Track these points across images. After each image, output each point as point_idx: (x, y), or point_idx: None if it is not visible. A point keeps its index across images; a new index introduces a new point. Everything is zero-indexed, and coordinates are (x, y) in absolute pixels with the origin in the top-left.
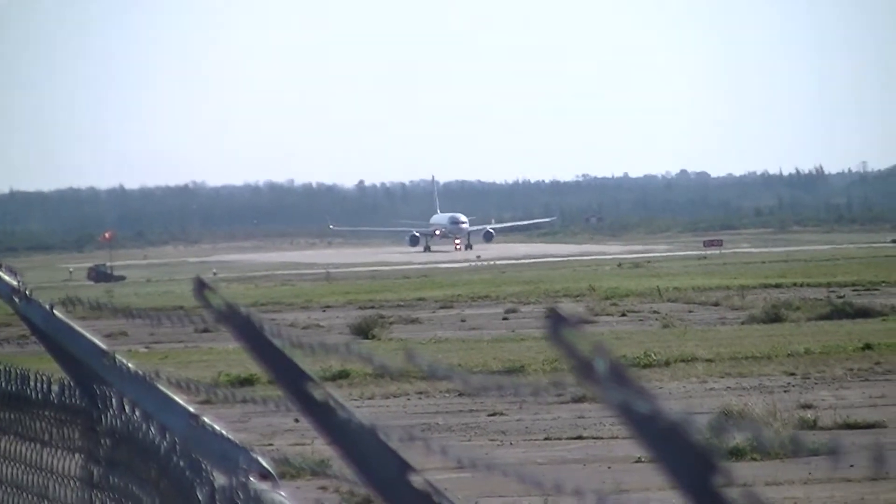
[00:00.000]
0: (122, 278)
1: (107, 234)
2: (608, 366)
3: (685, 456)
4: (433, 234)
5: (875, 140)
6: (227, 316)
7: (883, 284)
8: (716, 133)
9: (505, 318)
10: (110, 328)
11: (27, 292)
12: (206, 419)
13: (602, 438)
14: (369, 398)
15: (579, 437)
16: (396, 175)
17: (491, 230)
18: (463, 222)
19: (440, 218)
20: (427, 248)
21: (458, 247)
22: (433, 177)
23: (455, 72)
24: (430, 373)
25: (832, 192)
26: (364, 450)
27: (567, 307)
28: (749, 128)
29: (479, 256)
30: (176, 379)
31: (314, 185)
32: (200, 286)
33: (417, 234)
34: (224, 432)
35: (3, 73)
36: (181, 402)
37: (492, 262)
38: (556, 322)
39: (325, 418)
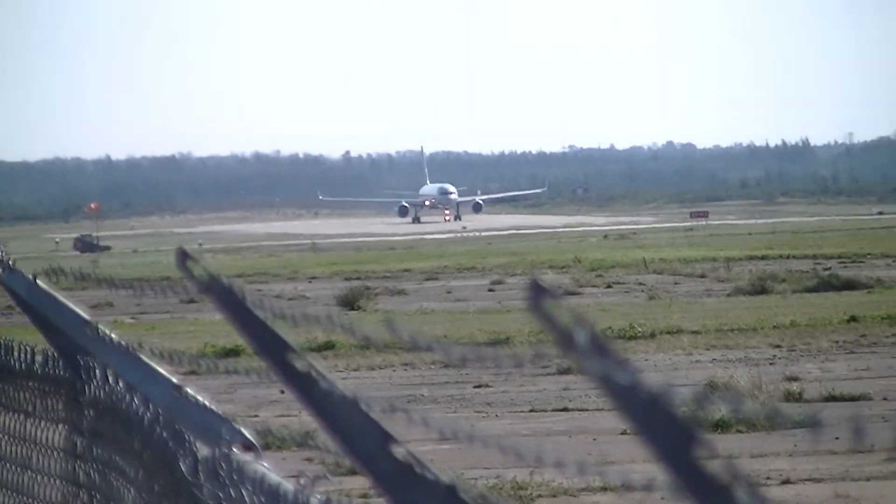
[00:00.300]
0: (107, 248)
1: (93, 205)
2: (589, 337)
3: (666, 428)
4: (422, 205)
5: (861, 112)
6: (209, 286)
7: (869, 256)
8: (702, 104)
9: (491, 290)
10: (96, 299)
11: (10, 262)
12: (189, 390)
13: (587, 410)
14: (355, 370)
15: (565, 409)
16: (383, 146)
17: (480, 201)
18: (452, 193)
19: (429, 189)
20: (416, 219)
21: (447, 218)
22: (422, 147)
23: (441, 43)
24: (412, 344)
25: (818, 163)
26: (346, 421)
27: (552, 279)
28: (735, 99)
29: (464, 227)
30: (160, 350)
31: (301, 155)
32: (183, 256)
33: (407, 205)
34: (207, 403)
35: None
36: (164, 373)
37: (478, 234)
38: (537, 293)
39: (308, 389)
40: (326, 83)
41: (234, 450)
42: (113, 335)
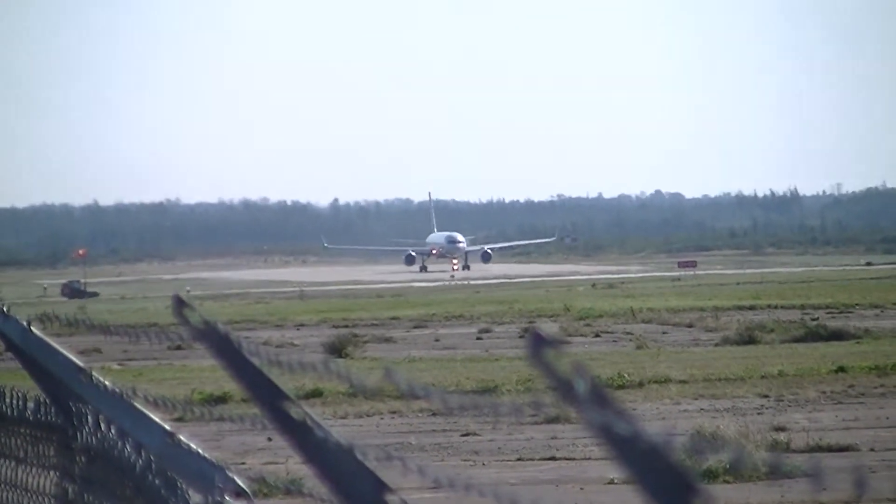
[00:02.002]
0: (95, 294)
1: (80, 251)
2: (588, 387)
3: (665, 477)
4: (430, 254)
5: (849, 162)
6: (204, 333)
7: (857, 307)
8: (690, 154)
9: (479, 338)
10: (83, 345)
11: (5, 308)
12: (181, 437)
13: (575, 459)
14: (342, 417)
15: (552, 458)
16: (371, 194)
17: (489, 250)
18: (460, 242)
19: (437, 237)
20: (423, 268)
21: (455, 267)
22: (429, 194)
23: (428, 92)
24: (408, 392)
25: (806, 213)
26: (341, 469)
27: (544, 328)
28: (724, 149)
29: (452, 276)
30: (152, 396)
31: (289, 202)
32: (179, 304)
33: (413, 254)
34: (200, 450)
35: None
36: (157, 419)
37: (466, 282)
38: (537, 342)
39: (302, 437)
40: (314, 131)
41: (227, 497)
42: (106, 382)
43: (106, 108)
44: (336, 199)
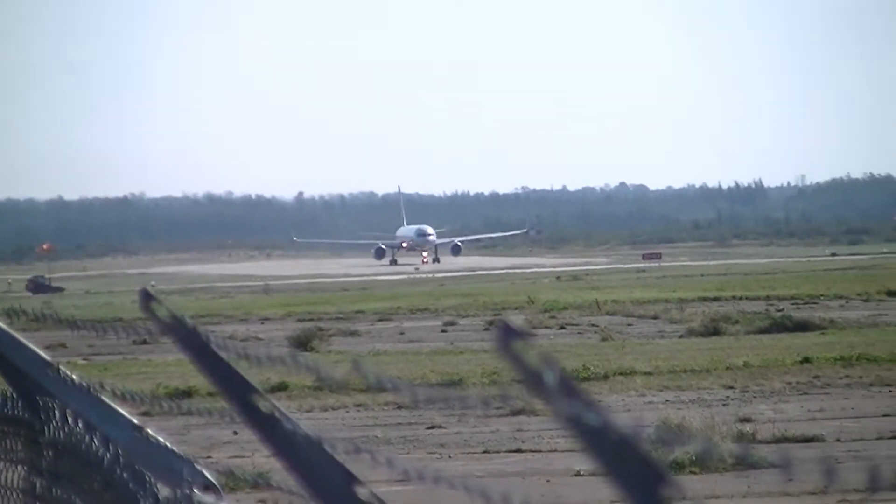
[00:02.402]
0: (60, 289)
1: (45, 246)
2: (557, 378)
3: (635, 468)
4: (400, 247)
5: (814, 153)
6: (172, 327)
7: (822, 298)
8: (655, 146)
9: (443, 331)
10: (48, 340)
11: None
12: (150, 431)
13: (541, 451)
14: (308, 410)
15: (518, 451)
16: (335, 187)
17: (459, 243)
18: (430, 235)
19: (407, 230)
20: (394, 261)
21: (425, 260)
22: (399, 187)
23: (392, 83)
24: (377, 384)
25: (771, 205)
26: (310, 462)
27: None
28: (688, 141)
29: (416, 269)
30: (120, 390)
31: (253, 196)
32: (146, 298)
33: (384, 247)
34: (168, 444)
35: None
36: (125, 413)
37: (431, 275)
38: (506, 334)
39: (270, 430)
40: (277, 124)
41: (196, 490)
42: (74, 376)
43: (69, 102)
44: (301, 193)
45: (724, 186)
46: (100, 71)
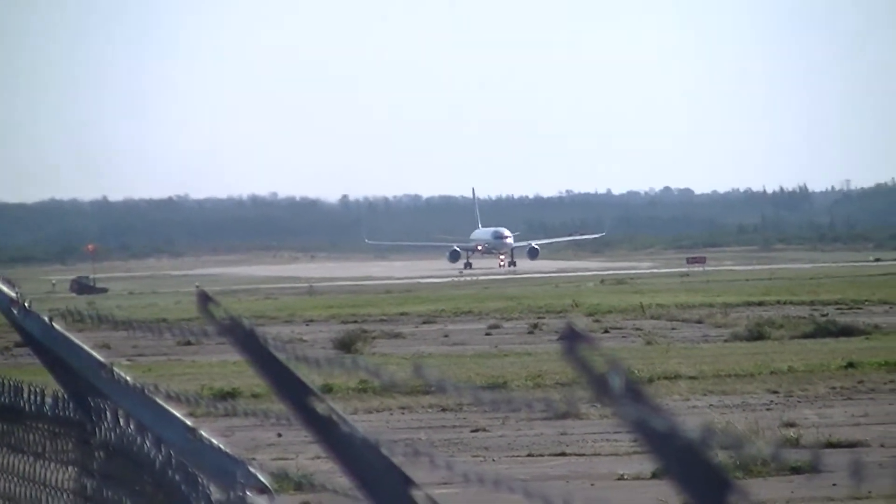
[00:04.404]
0: (104, 290)
1: (90, 247)
2: (623, 383)
3: (700, 473)
4: (475, 250)
5: (859, 158)
6: (230, 329)
7: (866, 303)
8: (700, 150)
9: (488, 334)
10: (91, 340)
11: (26, 304)
12: (203, 432)
13: (585, 455)
14: (352, 413)
15: (562, 454)
16: (379, 189)
17: (536, 246)
18: (507, 237)
19: (482, 233)
20: (468, 265)
21: (501, 263)
22: (473, 190)
23: (437, 87)
24: (438, 388)
25: (816, 210)
26: (367, 464)
27: (554, 324)
28: (733, 145)
29: (461, 272)
30: (174, 392)
31: (297, 198)
32: (204, 299)
33: (458, 250)
34: (221, 446)
35: None
36: (178, 415)
37: (475, 278)
38: (572, 339)
39: (327, 433)
40: (324, 125)
41: (248, 493)
42: (128, 377)
43: (114, 103)
44: (345, 196)
45: (769, 191)
46: (147, 72)
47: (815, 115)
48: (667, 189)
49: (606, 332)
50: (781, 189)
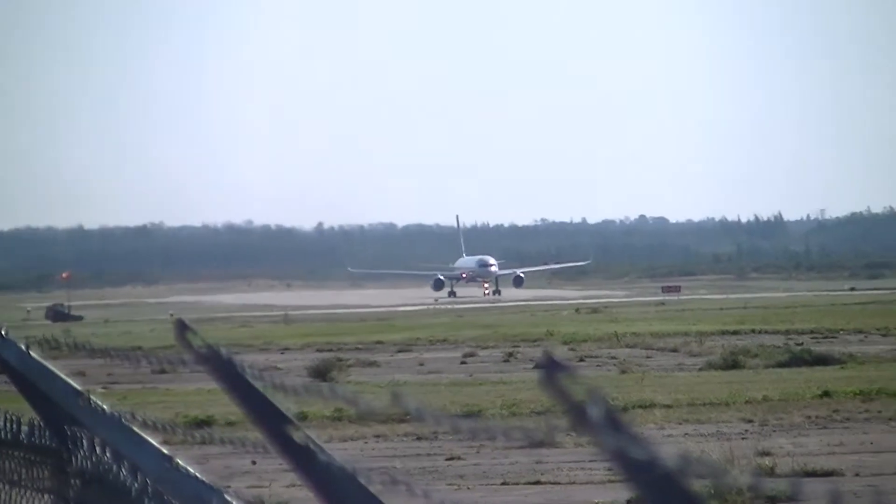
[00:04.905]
0: (79, 318)
1: (64, 275)
2: (603, 412)
3: (677, 501)
4: (459, 278)
5: (834, 187)
6: (207, 357)
7: (841, 332)
8: (675, 179)
9: (463, 363)
10: (67, 368)
11: (2, 331)
12: (179, 461)
13: (560, 483)
14: (326, 441)
15: (537, 482)
16: (354, 218)
17: (521, 274)
18: (492, 265)
19: (467, 261)
20: (452, 293)
21: (486, 292)
22: (457, 217)
23: (410, 115)
24: (417, 416)
25: (791, 239)
26: (343, 493)
27: (529, 353)
28: (708, 174)
29: (436, 300)
30: (151, 420)
31: (273, 226)
32: (182, 327)
33: (442, 278)
34: (197, 474)
35: None
36: (154, 443)
37: (449, 306)
38: (550, 367)
39: (304, 461)
40: (297, 154)
41: None
42: (105, 406)
43: (90, 131)
44: (321, 223)
45: (744, 220)
46: (120, 100)
47: (789, 145)
48: (642, 218)
49: (582, 360)
50: (756, 218)
